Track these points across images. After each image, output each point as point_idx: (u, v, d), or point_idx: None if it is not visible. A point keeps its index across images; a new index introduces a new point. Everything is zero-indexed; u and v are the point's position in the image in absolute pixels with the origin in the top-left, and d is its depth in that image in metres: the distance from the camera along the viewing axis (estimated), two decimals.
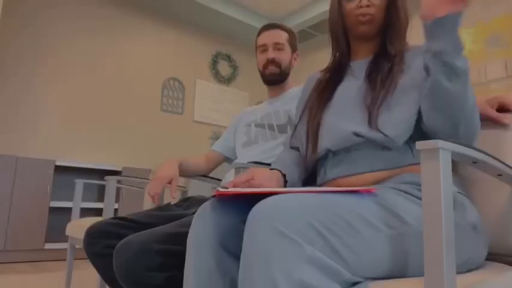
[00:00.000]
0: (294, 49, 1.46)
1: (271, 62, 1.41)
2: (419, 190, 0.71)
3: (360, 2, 0.91)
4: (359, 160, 0.83)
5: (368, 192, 0.67)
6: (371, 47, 0.96)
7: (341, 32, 0.99)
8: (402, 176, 0.78)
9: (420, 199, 0.69)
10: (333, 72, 1.01)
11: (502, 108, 0.90)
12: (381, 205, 0.65)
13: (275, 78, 1.43)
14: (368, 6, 0.91)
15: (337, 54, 1.02)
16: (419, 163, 0.80)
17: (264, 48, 1.43)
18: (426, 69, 0.76)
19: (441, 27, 0.70)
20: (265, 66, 1.43)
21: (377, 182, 0.81)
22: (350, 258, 0.59)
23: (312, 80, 1.10)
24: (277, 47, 1.41)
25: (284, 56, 1.42)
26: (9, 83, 3.46)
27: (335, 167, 0.86)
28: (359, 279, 0.60)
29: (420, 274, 0.63)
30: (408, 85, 0.85)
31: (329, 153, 0.89)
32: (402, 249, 0.63)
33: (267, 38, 1.43)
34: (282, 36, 1.43)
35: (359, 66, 0.97)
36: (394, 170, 0.80)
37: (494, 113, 0.89)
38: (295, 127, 1.04)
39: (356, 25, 0.94)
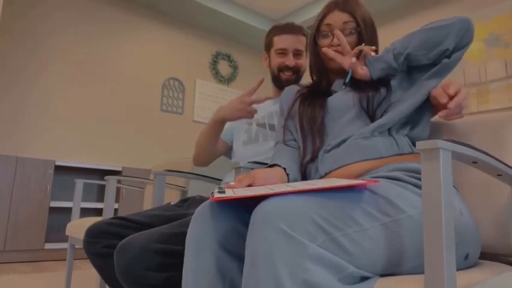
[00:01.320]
0: (307, 52, 1.46)
1: (290, 68, 1.38)
2: (411, 176, 0.76)
3: (332, 41, 1.01)
4: (348, 152, 0.87)
5: (363, 186, 0.68)
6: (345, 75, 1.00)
7: (318, 63, 1.07)
8: (391, 165, 0.82)
9: (412, 185, 0.73)
10: (317, 89, 1.08)
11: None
12: (378, 195, 0.68)
13: (290, 84, 1.42)
14: (339, 45, 0.98)
15: (317, 80, 1.10)
16: (405, 153, 0.85)
17: (283, 52, 1.39)
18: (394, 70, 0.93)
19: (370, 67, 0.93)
20: (281, 70, 1.40)
21: (366, 172, 0.84)
22: (352, 249, 0.60)
23: (291, 90, 1.14)
24: (298, 53, 1.39)
25: (303, 62, 1.41)
26: (11, 85, 3.46)
27: (326, 162, 0.89)
28: (363, 273, 0.61)
29: (417, 263, 0.65)
30: (394, 85, 0.94)
31: (319, 153, 0.92)
32: (398, 236, 0.64)
33: (289, 42, 1.39)
34: (303, 43, 1.41)
35: (340, 83, 1.04)
36: (381, 159, 0.84)
37: (438, 90, 0.86)
38: (284, 126, 1.07)
39: (328, 61, 1.03)
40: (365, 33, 1.01)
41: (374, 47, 0.95)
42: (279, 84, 1.42)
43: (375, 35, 1.04)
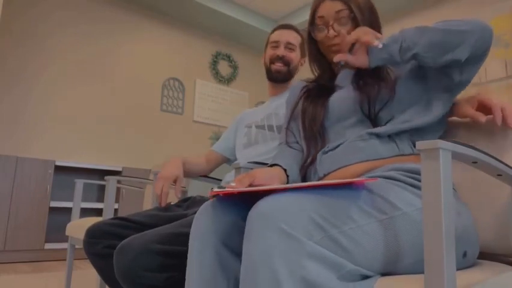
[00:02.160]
0: (303, 54, 1.47)
1: (280, 58, 1.41)
2: (407, 176, 0.75)
3: (327, 33, 0.97)
4: (346, 154, 0.86)
5: (361, 183, 0.69)
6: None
7: (319, 57, 1.04)
8: (389, 165, 0.81)
9: (409, 185, 0.73)
10: (321, 85, 1.05)
11: (480, 108, 0.90)
12: (374, 193, 0.68)
13: (280, 76, 1.43)
14: (335, 36, 0.95)
15: (319, 74, 1.07)
16: (405, 154, 0.84)
17: (276, 45, 1.44)
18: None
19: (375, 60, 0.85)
20: (272, 62, 1.43)
21: (365, 173, 0.83)
22: (349, 246, 0.60)
23: (297, 88, 1.13)
24: (289, 46, 1.43)
25: (293, 56, 1.43)
26: (11, 85, 3.46)
27: (325, 164, 0.88)
28: (362, 271, 0.61)
29: (414, 260, 0.65)
30: (399, 79, 0.90)
31: (317, 154, 0.91)
32: (394, 233, 0.64)
33: (281, 35, 1.44)
34: (296, 38, 1.45)
35: (345, 75, 1.01)
36: (381, 160, 0.83)
37: (471, 111, 0.89)
38: (287, 127, 1.06)
39: (328, 53, 1.00)
40: (362, 18, 0.96)
41: (380, 35, 0.88)
42: (270, 76, 1.45)
43: (375, 17, 0.99)
